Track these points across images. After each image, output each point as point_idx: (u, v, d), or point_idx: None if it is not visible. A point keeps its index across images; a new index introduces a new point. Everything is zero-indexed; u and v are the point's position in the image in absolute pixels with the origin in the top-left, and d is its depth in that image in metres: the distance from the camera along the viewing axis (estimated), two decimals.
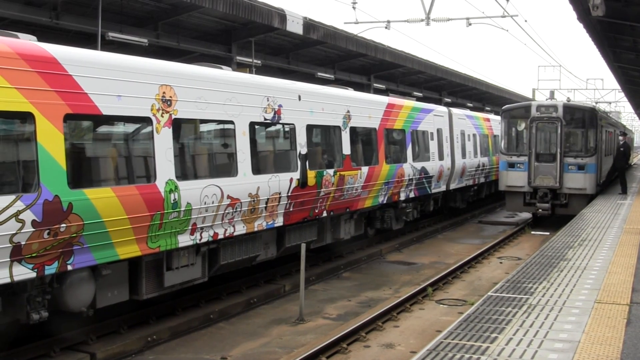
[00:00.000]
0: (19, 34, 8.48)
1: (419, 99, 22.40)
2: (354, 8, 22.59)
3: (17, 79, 7.75)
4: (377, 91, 27.11)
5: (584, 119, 22.12)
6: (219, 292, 12.38)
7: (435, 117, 20.98)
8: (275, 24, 18.38)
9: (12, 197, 7.59)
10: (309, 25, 19.88)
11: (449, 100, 37.86)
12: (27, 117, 7.87)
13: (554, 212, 21.95)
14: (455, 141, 22.98)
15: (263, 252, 12.72)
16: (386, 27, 23.78)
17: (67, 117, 8.34)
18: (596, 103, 47.33)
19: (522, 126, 22.52)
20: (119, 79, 9.11)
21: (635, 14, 14.64)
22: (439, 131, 21.28)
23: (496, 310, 8.12)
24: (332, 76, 24.98)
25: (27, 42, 8.29)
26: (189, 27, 18.21)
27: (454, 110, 23.89)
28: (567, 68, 68.98)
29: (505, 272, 15.33)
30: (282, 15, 18.54)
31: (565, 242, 13.30)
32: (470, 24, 23.32)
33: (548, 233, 20.87)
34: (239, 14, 16.96)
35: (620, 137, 25.83)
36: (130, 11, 16.29)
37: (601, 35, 17.77)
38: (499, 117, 24.72)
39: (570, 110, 22.13)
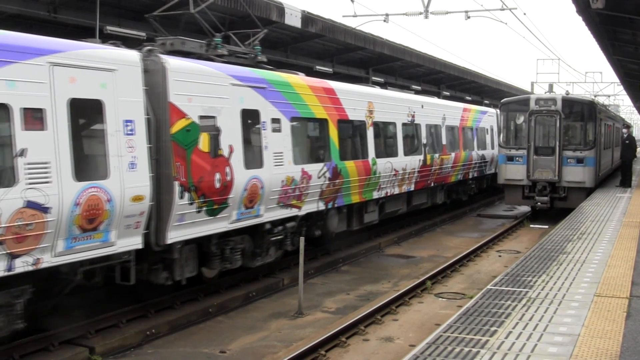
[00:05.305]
0: (300, 73, 14.26)
1: (417, 92, 22.64)
2: (352, 1, 22.52)
3: (322, 101, 14.16)
4: (376, 84, 27.00)
5: (582, 112, 22.07)
6: (218, 285, 12.37)
7: (489, 116, 27.82)
8: (273, 17, 18.27)
9: (322, 164, 13.98)
10: (307, 18, 19.79)
11: (447, 93, 37.75)
12: (325, 122, 14.27)
13: (553, 205, 21.94)
14: None
15: (402, 207, 19.22)
16: (385, 20, 23.73)
17: (338, 121, 14.70)
18: (595, 96, 47.25)
19: (520, 119, 22.48)
20: (356, 99, 15.78)
21: (635, 7, 14.59)
22: (491, 127, 27.90)
23: (495, 304, 8.12)
24: (331, 69, 24.86)
25: (323, 80, 14.73)
26: (187, 21, 18.10)
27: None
28: (566, 61, 68.73)
29: (504, 265, 15.34)
30: (280, 9, 18.45)
31: (564, 236, 13.30)
32: (469, 17, 23.30)
33: (547, 226, 20.89)
34: (237, 7, 16.89)
35: (624, 130, 25.61)
36: (128, 5, 16.20)
37: (600, 28, 17.72)
38: None
39: (569, 103, 22.08)
